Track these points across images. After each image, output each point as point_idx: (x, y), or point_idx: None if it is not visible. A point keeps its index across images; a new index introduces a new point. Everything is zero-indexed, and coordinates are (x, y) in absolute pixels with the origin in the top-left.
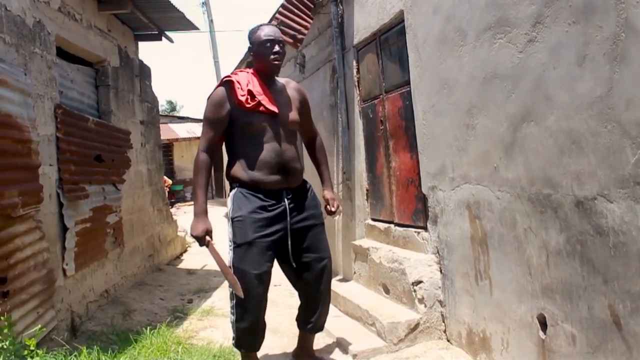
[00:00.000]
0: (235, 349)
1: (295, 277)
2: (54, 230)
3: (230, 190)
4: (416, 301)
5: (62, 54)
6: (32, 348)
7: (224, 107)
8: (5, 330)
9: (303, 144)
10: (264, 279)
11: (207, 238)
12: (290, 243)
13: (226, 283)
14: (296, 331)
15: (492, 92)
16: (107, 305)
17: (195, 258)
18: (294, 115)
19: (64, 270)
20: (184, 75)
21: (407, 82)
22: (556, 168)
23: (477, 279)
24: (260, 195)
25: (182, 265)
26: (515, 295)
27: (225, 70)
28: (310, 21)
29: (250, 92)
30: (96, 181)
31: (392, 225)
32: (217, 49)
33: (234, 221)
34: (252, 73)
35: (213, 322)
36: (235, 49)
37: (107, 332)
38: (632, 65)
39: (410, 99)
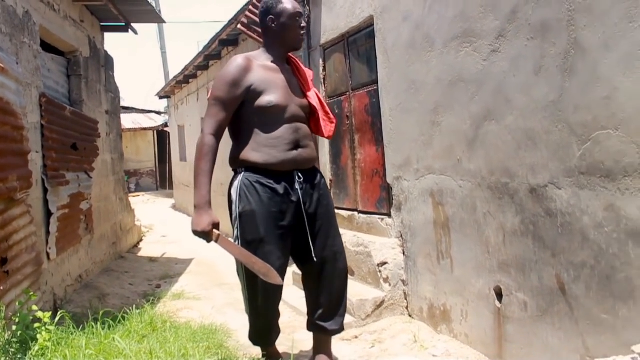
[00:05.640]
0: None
1: (308, 274)
2: (39, 215)
3: (233, 179)
4: (381, 281)
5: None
6: (45, 321)
7: (240, 86)
8: (17, 304)
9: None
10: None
11: (216, 232)
12: (299, 234)
13: (190, 268)
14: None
15: (457, 93)
16: (82, 290)
17: (152, 247)
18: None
19: (47, 254)
20: (125, 65)
21: (375, 82)
22: (513, 160)
23: (439, 258)
24: (271, 181)
25: (141, 254)
26: (475, 271)
27: (174, 61)
28: None
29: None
30: (72, 169)
31: (355, 213)
32: (165, 40)
33: (242, 216)
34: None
35: (187, 304)
36: (179, 39)
37: (87, 314)
38: (579, 77)
39: (377, 96)
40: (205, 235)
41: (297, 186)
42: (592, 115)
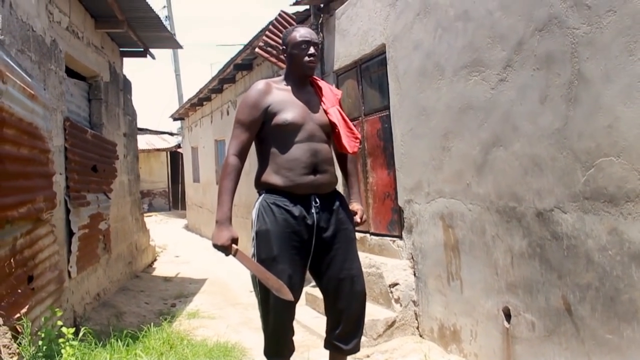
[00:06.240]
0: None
1: (326, 295)
2: (62, 235)
3: (256, 201)
4: (392, 301)
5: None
6: (69, 336)
7: (259, 108)
8: (43, 320)
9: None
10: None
11: (234, 246)
12: (315, 257)
13: (204, 288)
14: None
15: (466, 120)
16: (99, 308)
17: (166, 266)
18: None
19: (69, 273)
20: (139, 86)
21: (387, 107)
22: (520, 185)
23: (449, 280)
24: (287, 203)
25: (156, 273)
26: (484, 292)
27: (187, 83)
28: None
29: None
30: (92, 190)
31: (367, 235)
32: (179, 62)
33: (257, 235)
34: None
35: (202, 323)
36: (192, 61)
37: (105, 331)
38: (583, 106)
39: (389, 122)
40: (224, 249)
41: (313, 210)
42: (595, 143)
